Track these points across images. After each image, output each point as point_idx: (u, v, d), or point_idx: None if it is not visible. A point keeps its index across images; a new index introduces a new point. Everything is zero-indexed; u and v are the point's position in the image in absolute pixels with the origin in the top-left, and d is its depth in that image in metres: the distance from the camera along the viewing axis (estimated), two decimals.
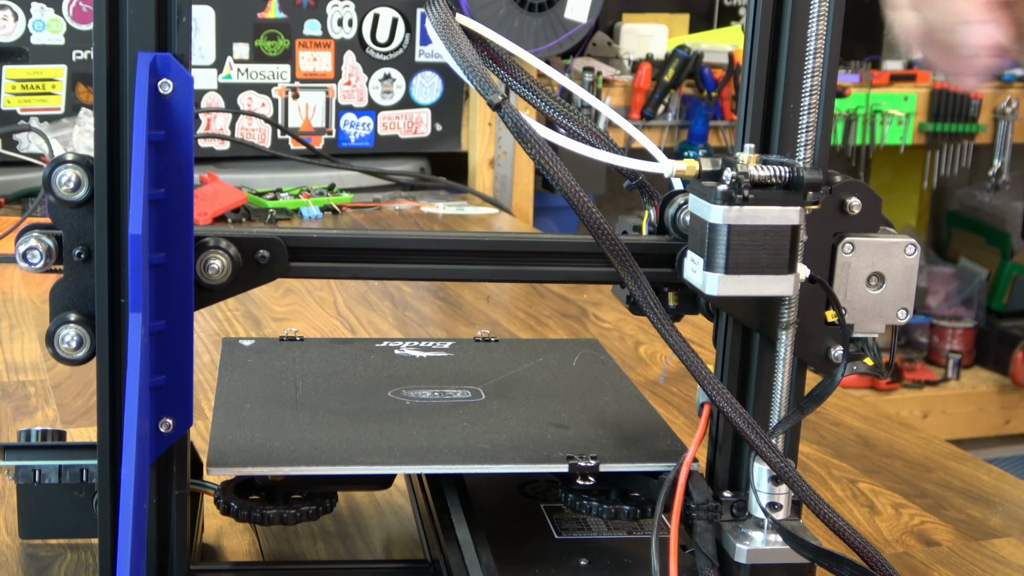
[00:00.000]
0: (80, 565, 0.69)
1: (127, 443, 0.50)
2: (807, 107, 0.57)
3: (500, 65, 0.62)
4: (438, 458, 0.63)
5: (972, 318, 3.15)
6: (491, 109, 0.53)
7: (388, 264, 0.60)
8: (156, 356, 0.54)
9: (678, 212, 0.62)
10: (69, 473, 0.66)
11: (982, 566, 0.75)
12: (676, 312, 0.63)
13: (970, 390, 3.03)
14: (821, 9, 0.56)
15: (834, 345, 0.60)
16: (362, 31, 2.11)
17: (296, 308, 1.27)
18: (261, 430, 0.65)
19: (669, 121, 2.55)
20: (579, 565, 0.62)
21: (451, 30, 0.55)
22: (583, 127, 0.62)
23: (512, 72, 0.62)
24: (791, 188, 0.55)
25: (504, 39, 0.60)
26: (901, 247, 0.59)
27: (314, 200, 1.75)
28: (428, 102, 2.17)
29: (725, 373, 0.62)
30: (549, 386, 0.76)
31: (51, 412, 0.95)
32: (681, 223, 0.61)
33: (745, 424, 0.56)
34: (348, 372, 0.77)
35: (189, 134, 0.54)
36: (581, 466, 0.63)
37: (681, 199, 0.62)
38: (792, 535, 0.58)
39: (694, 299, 0.63)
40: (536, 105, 0.61)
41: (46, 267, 0.55)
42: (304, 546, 0.73)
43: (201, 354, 1.08)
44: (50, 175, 0.55)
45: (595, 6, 2.21)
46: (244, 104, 2.04)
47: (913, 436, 0.97)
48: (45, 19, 1.90)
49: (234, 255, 0.57)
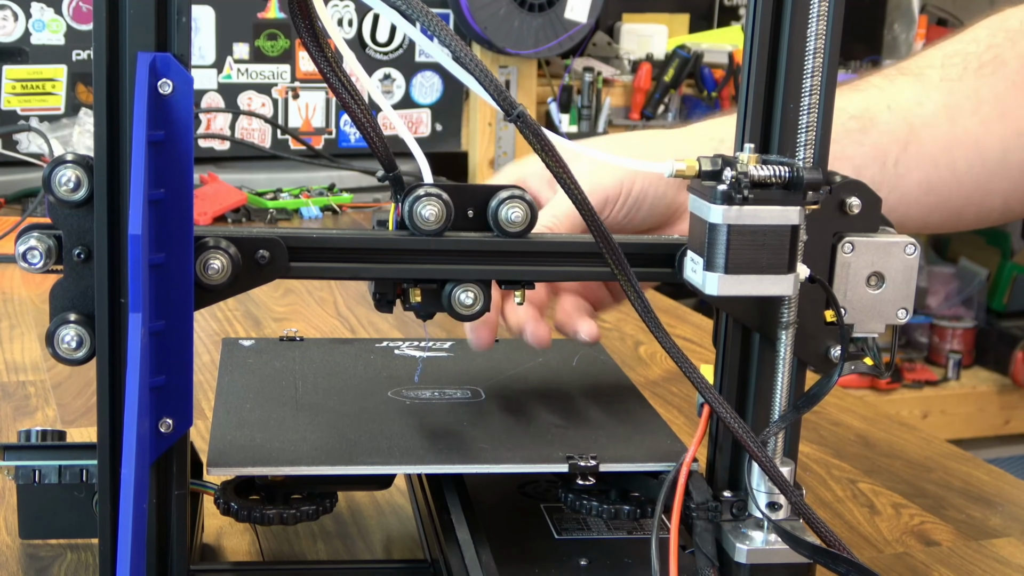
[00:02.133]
0: (80, 565, 0.69)
1: (127, 443, 0.50)
2: (807, 107, 0.57)
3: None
4: (438, 458, 0.63)
5: (972, 318, 3.15)
6: (509, 121, 0.54)
7: (388, 264, 0.60)
8: (156, 356, 0.54)
9: (414, 206, 0.59)
10: (69, 473, 0.66)
11: (982, 566, 0.75)
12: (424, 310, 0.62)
13: (970, 390, 3.03)
14: (821, 9, 0.56)
15: (834, 345, 0.60)
16: (362, 31, 2.11)
17: (296, 308, 1.27)
18: (261, 430, 0.65)
19: (669, 121, 2.55)
20: (579, 565, 0.62)
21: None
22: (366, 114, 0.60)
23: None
24: (791, 188, 0.55)
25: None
26: (901, 247, 0.59)
27: (314, 200, 1.75)
28: (428, 102, 2.17)
29: (725, 373, 0.62)
30: (549, 386, 0.76)
31: (51, 412, 0.95)
32: (418, 217, 0.59)
33: (738, 425, 0.56)
34: (348, 372, 0.77)
35: (189, 134, 0.54)
36: (581, 466, 0.63)
37: (421, 191, 0.59)
38: (791, 535, 0.58)
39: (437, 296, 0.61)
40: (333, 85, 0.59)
41: (46, 267, 0.55)
42: (304, 546, 0.73)
43: (201, 354, 1.08)
44: (50, 175, 0.55)
45: (595, 6, 2.21)
46: (244, 104, 2.05)
47: (913, 436, 0.97)
48: (45, 19, 1.90)
49: (234, 255, 0.57)
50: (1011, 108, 0.87)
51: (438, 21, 0.53)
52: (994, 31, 0.90)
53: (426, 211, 0.59)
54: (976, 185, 0.87)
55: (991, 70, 0.87)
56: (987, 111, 0.86)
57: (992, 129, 0.86)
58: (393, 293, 0.62)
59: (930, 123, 0.85)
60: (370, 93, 0.63)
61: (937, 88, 0.87)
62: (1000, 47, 0.88)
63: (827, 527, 0.57)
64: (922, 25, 3.02)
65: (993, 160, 0.87)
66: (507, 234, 0.60)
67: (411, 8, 0.54)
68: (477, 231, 0.61)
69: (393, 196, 0.62)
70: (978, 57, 0.88)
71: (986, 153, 0.87)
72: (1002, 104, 0.86)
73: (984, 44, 0.89)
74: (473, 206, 0.61)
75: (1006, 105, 0.87)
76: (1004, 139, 0.87)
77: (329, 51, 0.59)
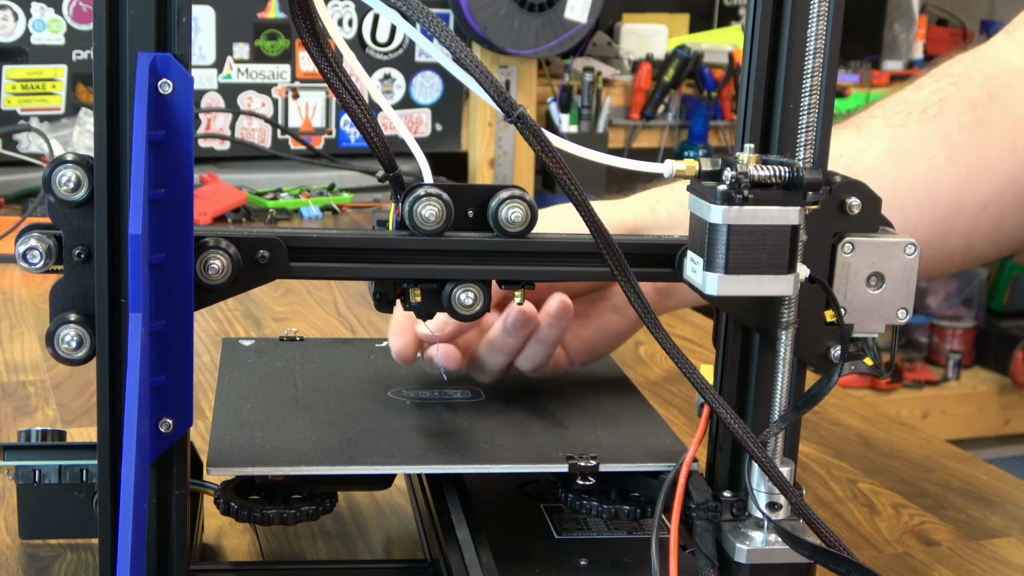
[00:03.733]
0: (80, 565, 0.69)
1: (127, 443, 0.50)
2: (807, 107, 0.57)
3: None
4: (438, 458, 0.64)
5: (972, 318, 3.15)
6: (509, 122, 0.54)
7: (388, 264, 0.60)
8: (156, 356, 0.54)
9: (414, 206, 0.59)
10: (69, 473, 0.66)
11: (982, 566, 0.75)
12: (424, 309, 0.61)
13: (970, 390, 3.03)
14: (821, 9, 0.56)
15: (834, 345, 0.60)
16: (362, 31, 2.11)
17: (296, 308, 1.27)
18: (261, 430, 0.66)
19: (669, 121, 2.55)
20: (579, 565, 0.62)
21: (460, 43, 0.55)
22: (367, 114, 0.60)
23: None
24: (791, 188, 0.55)
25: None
26: (901, 247, 0.59)
27: (314, 200, 1.75)
28: (428, 102, 2.17)
29: (725, 373, 0.62)
30: (549, 386, 0.76)
31: (51, 412, 0.95)
32: (418, 217, 0.59)
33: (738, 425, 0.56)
34: (348, 372, 0.77)
35: (189, 134, 0.54)
36: (581, 466, 0.63)
37: (421, 191, 0.60)
38: (791, 535, 0.58)
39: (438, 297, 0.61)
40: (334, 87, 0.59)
41: (46, 267, 0.55)
42: (304, 546, 0.73)
43: (201, 354, 1.08)
44: (50, 175, 0.55)
45: (595, 6, 2.21)
46: (244, 104, 2.05)
47: (913, 436, 0.97)
48: (45, 19, 1.90)
49: (234, 255, 0.57)
50: (959, 149, 0.85)
51: (438, 21, 0.53)
52: (938, 77, 0.89)
53: (426, 211, 0.59)
54: (933, 227, 0.85)
55: (935, 112, 0.86)
56: (933, 153, 0.85)
57: (941, 170, 0.85)
58: (393, 293, 0.62)
59: (874, 170, 0.83)
60: (370, 93, 0.63)
61: (880, 135, 0.86)
62: (944, 91, 0.87)
63: (827, 527, 0.57)
64: (922, 25, 3.02)
65: (946, 202, 0.85)
66: (507, 234, 0.60)
67: (411, 8, 0.54)
68: (477, 231, 0.61)
69: (393, 196, 0.62)
70: (921, 102, 0.87)
71: (938, 195, 0.85)
72: (950, 145, 0.85)
73: (928, 90, 0.88)
74: (473, 206, 0.61)
75: (954, 145, 0.85)
76: (956, 179, 0.85)
77: (329, 51, 0.59)
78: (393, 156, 0.61)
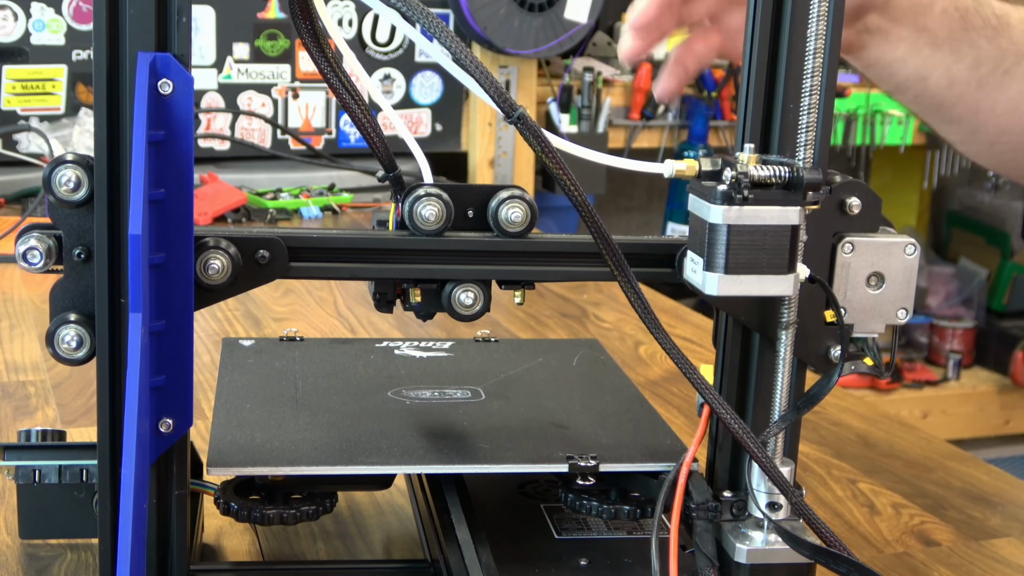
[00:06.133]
0: (80, 565, 0.69)
1: (127, 443, 0.50)
2: (807, 107, 0.57)
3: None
4: (438, 458, 0.63)
5: (972, 318, 3.15)
6: (510, 123, 0.54)
7: (388, 264, 0.60)
8: (156, 356, 0.54)
9: (414, 206, 0.59)
10: (69, 473, 0.66)
11: (982, 566, 0.75)
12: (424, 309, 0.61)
13: (970, 390, 3.03)
14: (821, 9, 0.56)
15: (834, 345, 0.60)
16: (362, 31, 2.11)
17: (296, 308, 1.27)
18: (261, 430, 0.66)
19: (669, 121, 2.55)
20: (579, 565, 0.62)
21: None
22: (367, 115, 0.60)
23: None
24: (791, 188, 0.55)
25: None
26: (901, 247, 0.59)
27: (314, 200, 1.75)
28: (428, 102, 2.17)
29: (725, 373, 0.62)
30: (549, 386, 0.76)
31: (51, 412, 0.95)
32: (418, 217, 0.59)
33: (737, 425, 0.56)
34: (348, 372, 0.77)
35: (189, 134, 0.54)
36: (581, 466, 0.63)
37: (421, 191, 0.60)
38: (791, 535, 0.58)
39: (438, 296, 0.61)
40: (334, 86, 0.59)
41: (46, 267, 0.55)
42: (304, 546, 0.73)
43: (201, 354, 1.08)
44: (50, 175, 0.55)
45: (595, 6, 2.21)
46: (244, 104, 2.05)
47: (913, 436, 0.97)
48: (45, 19, 1.90)
49: (234, 255, 0.57)
50: None
51: (438, 22, 0.53)
52: None
53: (426, 211, 0.59)
54: None
55: None
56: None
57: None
58: (393, 293, 0.62)
59: None
60: (370, 93, 0.63)
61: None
62: None
63: (827, 527, 0.57)
64: None
65: None
66: (507, 234, 0.60)
67: (411, 9, 0.54)
68: (477, 231, 0.61)
69: (393, 196, 0.62)
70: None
71: None
72: None
73: None
74: (473, 206, 0.61)
75: None
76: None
77: (329, 51, 0.59)
78: (393, 156, 0.61)
